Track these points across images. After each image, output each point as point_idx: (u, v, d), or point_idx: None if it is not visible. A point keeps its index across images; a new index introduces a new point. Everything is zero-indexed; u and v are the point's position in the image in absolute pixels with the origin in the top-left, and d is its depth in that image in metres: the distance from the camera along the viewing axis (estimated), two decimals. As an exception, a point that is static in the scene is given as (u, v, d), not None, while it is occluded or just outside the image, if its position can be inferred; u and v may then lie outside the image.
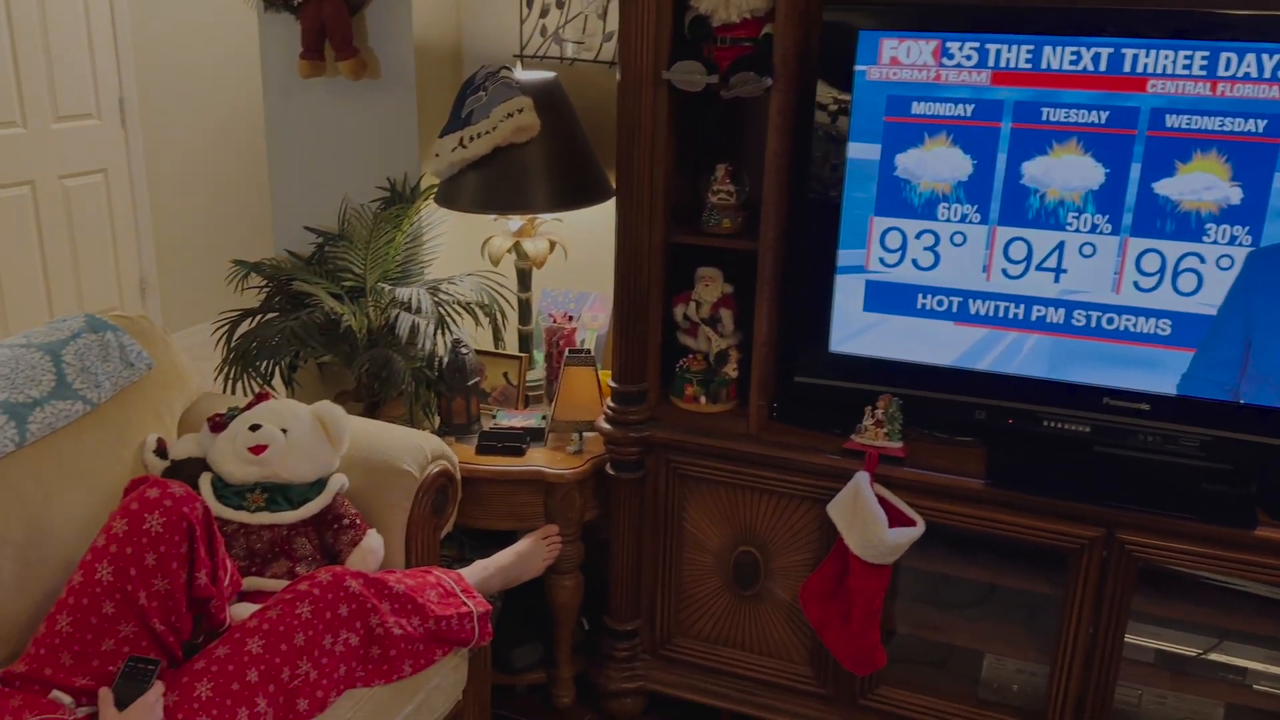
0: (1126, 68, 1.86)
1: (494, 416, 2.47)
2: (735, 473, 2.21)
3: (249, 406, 2.04)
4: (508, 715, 2.45)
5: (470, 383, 2.40)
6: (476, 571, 2.14)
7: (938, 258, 2.06)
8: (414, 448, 2.10)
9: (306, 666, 1.67)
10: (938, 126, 1.99)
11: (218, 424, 2.01)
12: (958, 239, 2.04)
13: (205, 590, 1.67)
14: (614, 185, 2.23)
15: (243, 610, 1.78)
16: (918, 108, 1.99)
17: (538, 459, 2.31)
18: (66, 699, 1.57)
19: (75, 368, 1.98)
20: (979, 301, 2.06)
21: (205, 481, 1.97)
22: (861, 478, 2.04)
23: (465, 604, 1.95)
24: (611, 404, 2.28)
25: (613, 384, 2.28)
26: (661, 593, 2.36)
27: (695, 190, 2.25)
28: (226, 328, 2.48)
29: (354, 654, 1.76)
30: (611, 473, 2.31)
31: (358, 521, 2.01)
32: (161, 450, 2.05)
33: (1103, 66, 1.87)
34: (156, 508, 1.64)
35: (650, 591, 2.37)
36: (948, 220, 2.03)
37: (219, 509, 1.93)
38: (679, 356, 2.32)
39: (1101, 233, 1.94)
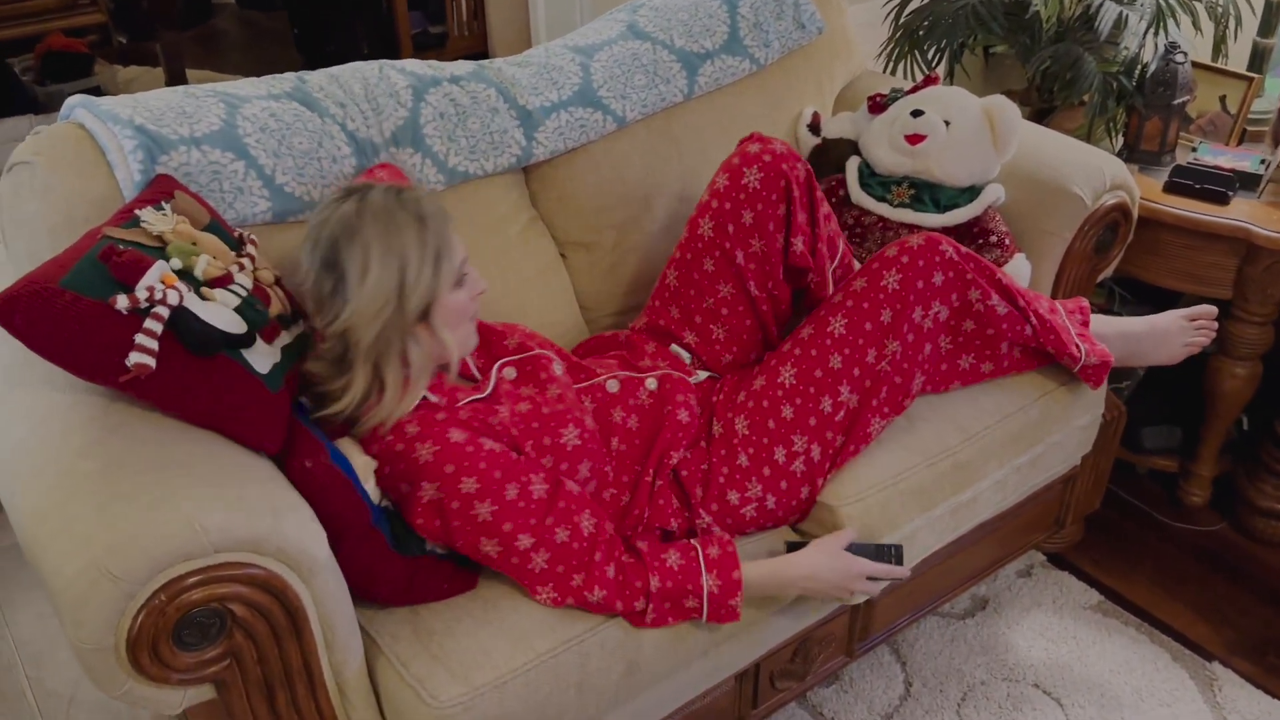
0: None
1: (1194, 149, 2.03)
2: None
3: (914, 90, 1.82)
4: (1123, 495, 2.15)
5: (1176, 102, 1.96)
6: (1099, 322, 1.76)
7: None
8: (1091, 169, 1.77)
9: (894, 346, 1.49)
10: None
11: (877, 104, 1.83)
12: None
13: (801, 259, 1.54)
14: None
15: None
16: None
17: (1243, 212, 1.86)
18: (685, 355, 1.60)
19: (749, 22, 1.89)
20: None
21: (852, 165, 1.83)
22: None
23: (1076, 345, 1.63)
24: (1386, 156, 1.67)
25: (1398, 128, 1.66)
26: (1379, 416, 1.82)
27: None
28: (899, 1, 2.23)
29: (944, 328, 1.55)
30: (1353, 248, 1.74)
31: (1006, 242, 1.76)
32: (815, 126, 1.94)
33: None
34: (755, 162, 1.52)
35: (1358, 410, 1.84)
36: None
37: (859, 196, 1.80)
38: None
39: None
